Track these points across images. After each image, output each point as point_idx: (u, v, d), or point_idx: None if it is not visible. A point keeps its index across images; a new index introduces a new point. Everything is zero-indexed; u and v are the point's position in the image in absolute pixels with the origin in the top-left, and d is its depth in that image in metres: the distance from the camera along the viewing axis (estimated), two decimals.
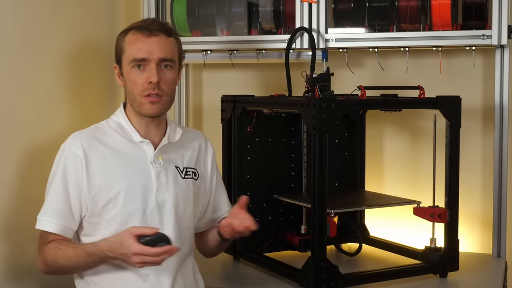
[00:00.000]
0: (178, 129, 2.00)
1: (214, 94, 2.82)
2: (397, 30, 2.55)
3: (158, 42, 1.87)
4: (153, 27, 1.87)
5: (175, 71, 1.91)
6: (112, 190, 1.84)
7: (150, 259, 1.68)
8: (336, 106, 2.06)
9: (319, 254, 2.07)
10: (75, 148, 1.85)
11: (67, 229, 1.85)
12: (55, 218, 1.83)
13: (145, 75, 1.85)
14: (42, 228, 1.85)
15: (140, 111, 1.89)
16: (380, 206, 2.48)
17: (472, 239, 2.70)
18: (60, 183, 1.84)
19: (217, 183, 2.11)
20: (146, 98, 1.86)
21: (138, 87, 1.86)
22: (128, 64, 1.87)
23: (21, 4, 2.18)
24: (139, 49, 1.85)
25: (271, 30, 2.73)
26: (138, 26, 1.89)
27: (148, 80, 1.84)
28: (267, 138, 2.55)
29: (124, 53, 1.89)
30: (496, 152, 2.52)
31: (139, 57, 1.85)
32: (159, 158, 1.91)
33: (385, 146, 2.85)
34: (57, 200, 1.84)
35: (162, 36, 1.88)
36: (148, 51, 1.85)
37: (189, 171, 1.98)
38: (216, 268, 2.42)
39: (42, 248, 1.86)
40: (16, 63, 2.17)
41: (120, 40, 1.91)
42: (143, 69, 1.86)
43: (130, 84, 1.88)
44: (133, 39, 1.88)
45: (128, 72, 1.88)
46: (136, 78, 1.86)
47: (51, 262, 1.83)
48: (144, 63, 1.86)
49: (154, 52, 1.85)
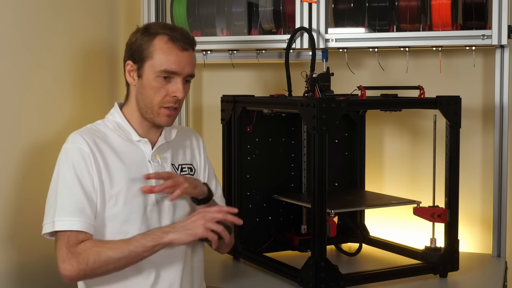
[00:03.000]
0: (173, 129, 2.01)
1: (214, 94, 2.82)
2: (397, 30, 2.55)
3: (189, 58, 1.87)
4: (187, 41, 1.86)
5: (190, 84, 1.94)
6: (114, 188, 1.83)
7: (212, 213, 1.77)
8: (336, 106, 2.06)
9: (319, 254, 2.07)
10: (81, 145, 1.82)
11: (90, 225, 1.77)
12: (77, 216, 1.75)
13: (169, 87, 1.85)
14: (66, 228, 1.74)
15: (153, 120, 1.89)
16: (380, 206, 2.48)
17: (472, 239, 2.70)
18: (73, 180, 1.79)
19: (209, 174, 2.11)
20: (165, 110, 1.86)
21: (160, 97, 1.85)
22: (155, 72, 1.84)
23: (22, 5, 2.18)
24: (173, 62, 1.83)
25: (271, 30, 2.73)
26: (172, 36, 1.85)
27: (174, 94, 1.84)
28: (267, 138, 2.55)
29: (152, 59, 1.84)
30: (496, 152, 2.52)
31: (171, 70, 1.83)
32: (157, 157, 1.92)
33: (385, 146, 2.85)
34: (75, 198, 1.77)
35: (191, 51, 1.88)
36: (181, 66, 1.84)
37: (184, 167, 1.99)
38: (216, 268, 2.42)
39: (72, 250, 1.72)
40: (18, 64, 2.17)
41: (145, 42, 1.86)
42: (169, 81, 1.85)
43: (152, 91, 1.86)
44: (166, 49, 1.84)
45: (152, 79, 1.85)
46: (161, 89, 1.85)
47: (94, 259, 1.71)
48: (172, 75, 1.85)
49: (185, 68, 1.85)
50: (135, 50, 1.88)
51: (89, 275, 1.74)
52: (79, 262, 1.71)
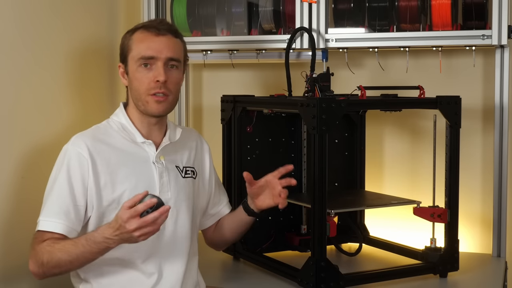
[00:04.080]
0: (178, 129, 2.01)
1: (214, 94, 2.82)
2: (397, 30, 2.55)
3: (166, 42, 1.88)
4: (162, 26, 1.89)
5: (180, 72, 1.92)
6: (116, 191, 1.83)
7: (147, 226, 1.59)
8: (336, 106, 2.06)
9: (319, 254, 2.07)
10: (80, 149, 1.84)
11: (72, 230, 1.81)
12: (61, 218, 1.79)
13: (152, 74, 1.86)
14: (48, 229, 1.79)
15: (145, 110, 1.89)
16: (380, 206, 2.48)
17: (472, 239, 2.70)
18: (64, 183, 1.81)
19: (215, 179, 2.13)
20: (152, 97, 1.86)
21: (144, 85, 1.86)
22: (135, 63, 1.87)
23: (22, 4, 2.18)
24: (148, 47, 1.86)
25: (271, 30, 2.73)
26: (147, 25, 1.90)
27: (156, 79, 1.85)
28: (267, 138, 2.55)
29: (131, 51, 1.89)
30: (496, 152, 2.52)
31: (147, 55, 1.85)
32: (161, 159, 1.91)
33: (385, 146, 2.85)
34: (62, 201, 1.80)
35: (170, 36, 1.89)
36: (157, 50, 1.85)
37: (188, 170, 1.99)
38: (216, 268, 2.42)
39: (35, 247, 1.77)
40: (17, 63, 2.17)
41: (127, 38, 1.91)
42: (150, 68, 1.86)
43: (136, 82, 1.88)
44: (141, 38, 1.88)
45: (134, 70, 1.88)
46: (143, 77, 1.86)
47: (47, 259, 1.74)
48: (152, 61, 1.86)
49: (163, 51, 1.86)
50: (121, 51, 1.93)
51: (48, 274, 1.77)
52: (37, 260, 1.75)
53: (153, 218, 1.59)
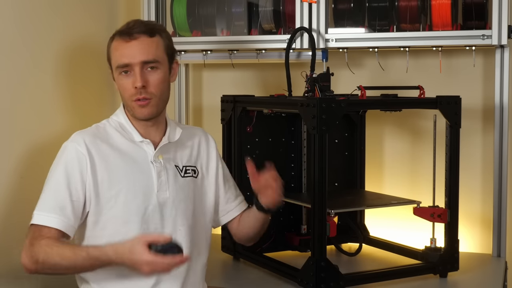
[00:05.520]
0: (178, 128, 2.01)
1: (214, 94, 2.82)
2: (397, 30, 2.55)
3: (139, 45, 1.85)
4: (134, 30, 1.86)
5: (162, 71, 1.89)
6: (113, 189, 1.83)
7: (160, 268, 1.64)
8: (336, 106, 2.06)
9: (319, 254, 2.07)
10: (79, 146, 1.84)
11: (68, 225, 1.79)
12: (56, 213, 1.78)
13: (131, 80, 1.85)
14: (42, 223, 1.77)
15: (133, 115, 1.91)
16: (380, 206, 2.48)
17: (472, 239, 2.70)
18: (61, 178, 1.81)
19: (225, 174, 2.10)
20: (135, 102, 1.87)
21: (127, 92, 1.87)
22: (115, 71, 1.89)
23: (21, 3, 2.18)
24: (121, 55, 1.86)
25: (271, 30, 2.73)
26: (120, 31, 1.89)
27: (134, 86, 1.85)
28: (267, 138, 2.55)
29: (111, 60, 1.90)
30: (496, 152, 2.52)
31: (122, 63, 1.86)
32: (159, 158, 1.91)
33: (385, 146, 2.85)
34: (58, 195, 1.80)
35: (143, 38, 1.86)
36: (130, 56, 1.84)
37: (188, 169, 1.98)
38: (216, 268, 2.42)
39: (33, 242, 1.74)
40: (16, 63, 2.17)
41: (108, 46, 1.92)
42: (129, 74, 1.86)
43: (121, 89, 1.90)
44: (115, 45, 1.88)
45: (117, 78, 1.89)
46: (124, 84, 1.87)
47: (43, 259, 1.71)
48: (129, 68, 1.85)
49: (136, 56, 1.84)
50: (107, 57, 1.94)
51: (41, 272, 1.76)
52: (32, 256, 1.74)
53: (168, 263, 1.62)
